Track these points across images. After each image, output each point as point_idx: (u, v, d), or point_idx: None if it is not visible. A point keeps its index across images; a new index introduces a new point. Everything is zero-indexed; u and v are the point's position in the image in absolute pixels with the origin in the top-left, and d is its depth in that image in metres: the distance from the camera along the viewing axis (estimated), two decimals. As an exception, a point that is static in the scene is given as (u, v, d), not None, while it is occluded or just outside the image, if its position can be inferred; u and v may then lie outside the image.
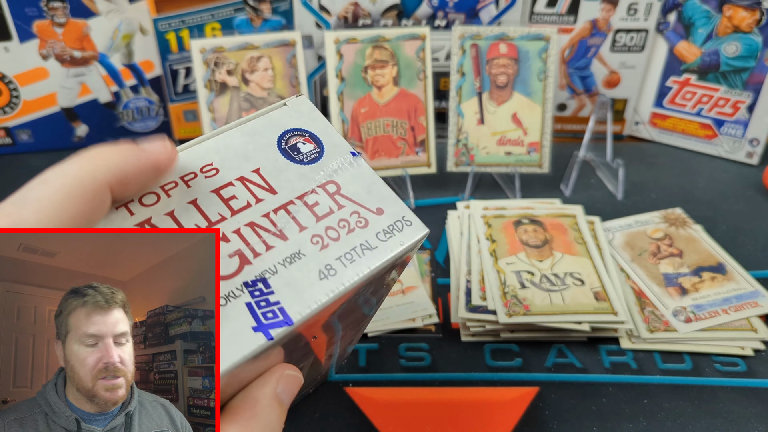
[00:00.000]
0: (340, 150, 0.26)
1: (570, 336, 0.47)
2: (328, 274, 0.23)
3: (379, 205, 0.25)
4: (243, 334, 0.21)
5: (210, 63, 0.64)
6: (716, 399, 0.42)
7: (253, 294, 0.22)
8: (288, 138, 0.26)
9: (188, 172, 0.23)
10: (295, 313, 0.22)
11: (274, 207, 0.24)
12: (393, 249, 0.24)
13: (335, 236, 0.24)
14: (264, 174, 0.24)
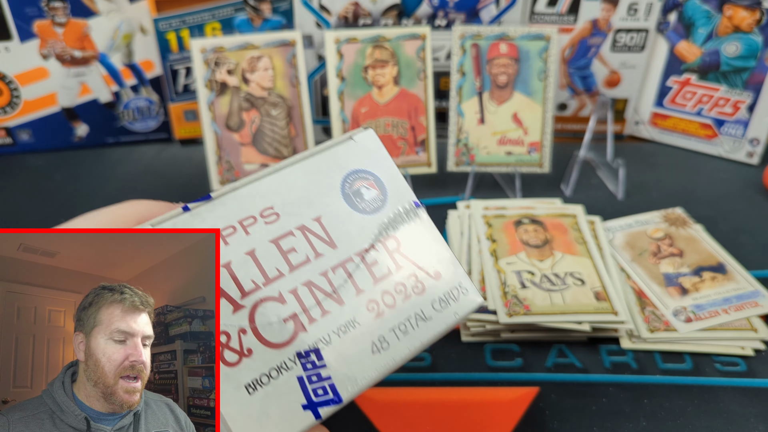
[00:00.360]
0: (402, 198, 0.25)
1: (570, 336, 0.47)
2: (381, 348, 0.21)
3: (438, 269, 0.24)
4: (293, 413, 0.19)
5: (210, 63, 0.64)
6: (716, 399, 0.42)
7: (305, 367, 0.20)
8: (352, 181, 0.24)
9: (248, 216, 0.22)
10: (344, 390, 0.20)
11: (333, 264, 0.22)
12: (447, 321, 0.23)
13: (391, 303, 0.22)
14: (325, 223, 0.23)
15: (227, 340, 0.20)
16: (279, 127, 0.66)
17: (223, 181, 0.65)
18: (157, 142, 0.80)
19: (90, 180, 0.72)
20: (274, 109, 0.66)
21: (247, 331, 0.20)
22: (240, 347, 0.20)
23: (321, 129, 0.79)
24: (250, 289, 0.21)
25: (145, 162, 0.75)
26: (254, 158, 0.65)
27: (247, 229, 0.22)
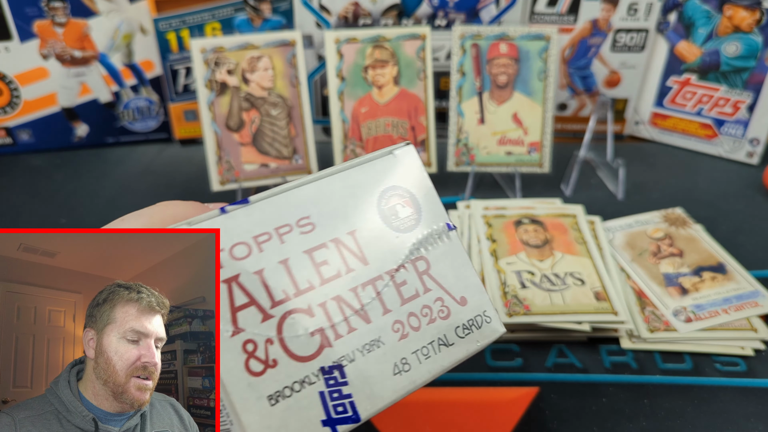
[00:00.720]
0: (436, 219, 0.24)
1: (570, 336, 0.47)
2: (402, 370, 0.21)
3: (464, 294, 0.24)
4: (312, 428, 0.19)
5: (210, 63, 0.64)
6: (716, 399, 0.42)
7: (328, 382, 0.20)
8: (389, 197, 0.23)
9: (284, 224, 0.21)
10: (363, 409, 0.20)
11: (363, 281, 0.22)
12: (468, 348, 0.23)
13: (416, 325, 0.22)
14: (359, 238, 0.22)
15: (254, 349, 0.19)
16: (279, 127, 0.66)
17: (223, 182, 0.65)
18: (157, 142, 0.80)
19: (90, 180, 0.72)
20: (274, 109, 0.66)
21: (274, 342, 0.20)
22: (266, 357, 0.19)
23: (321, 129, 0.79)
24: (280, 299, 0.20)
25: (145, 162, 0.75)
26: (254, 158, 0.65)
27: (282, 237, 0.21)
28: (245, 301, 0.20)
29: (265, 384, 0.19)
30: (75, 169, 0.74)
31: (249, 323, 0.20)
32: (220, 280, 0.20)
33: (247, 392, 0.19)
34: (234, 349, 0.19)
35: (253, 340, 0.19)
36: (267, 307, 0.20)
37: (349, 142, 0.66)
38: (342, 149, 0.66)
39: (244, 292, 0.20)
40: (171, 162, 0.75)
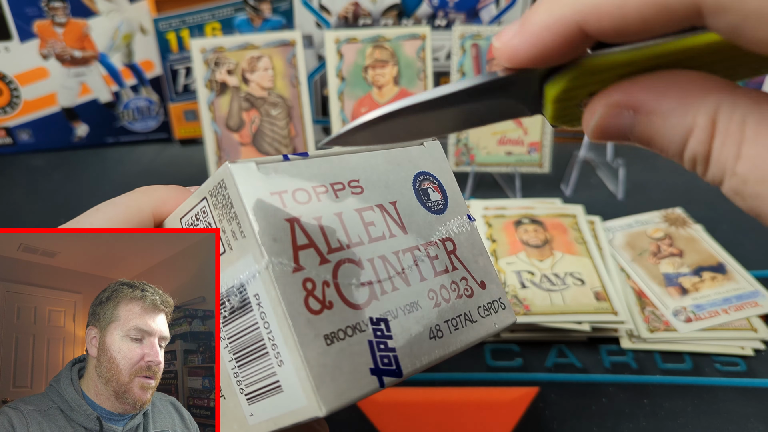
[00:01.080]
0: (460, 210, 0.26)
1: (570, 336, 0.47)
2: (437, 335, 0.23)
3: (483, 279, 0.25)
4: (362, 374, 0.20)
5: (210, 63, 0.64)
6: (716, 399, 0.42)
7: (376, 333, 0.21)
8: (422, 180, 0.25)
9: (338, 181, 0.23)
10: (406, 365, 0.21)
11: (404, 247, 0.23)
12: (488, 329, 0.24)
13: (447, 297, 0.24)
14: (399, 209, 0.24)
15: (312, 288, 0.20)
16: (279, 127, 0.66)
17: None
18: (157, 142, 0.80)
19: (90, 180, 0.72)
20: (274, 109, 0.66)
21: (330, 285, 0.20)
22: (323, 298, 0.20)
23: (321, 129, 0.79)
24: (336, 247, 0.21)
25: (145, 162, 0.75)
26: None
27: (337, 193, 0.22)
28: (305, 242, 0.20)
29: (322, 323, 0.19)
30: (75, 169, 0.74)
31: (309, 263, 0.20)
32: (285, 218, 0.20)
33: (306, 328, 0.19)
34: (295, 285, 0.19)
35: (312, 279, 0.20)
36: (324, 251, 0.21)
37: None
38: (342, 149, 0.66)
39: (304, 234, 0.20)
40: (171, 162, 0.75)
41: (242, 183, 0.20)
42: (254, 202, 0.20)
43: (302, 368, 0.19)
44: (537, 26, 0.14)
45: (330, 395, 0.19)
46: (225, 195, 0.20)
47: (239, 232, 0.20)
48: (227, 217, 0.20)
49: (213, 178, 0.21)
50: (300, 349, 0.19)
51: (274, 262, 0.19)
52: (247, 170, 0.20)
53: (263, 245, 0.19)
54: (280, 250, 0.19)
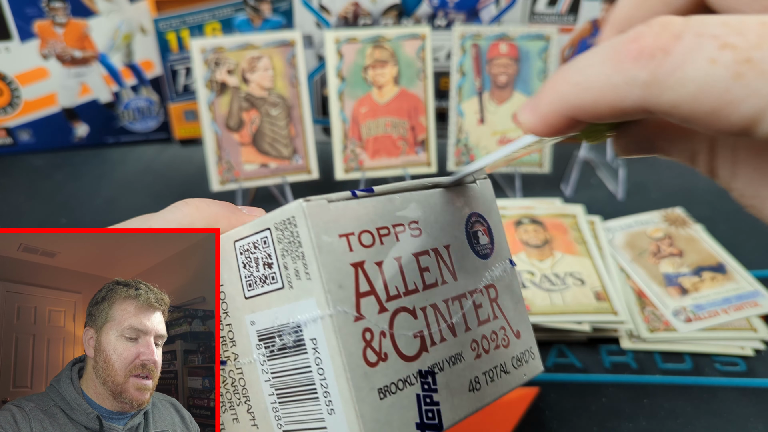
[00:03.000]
0: (503, 254, 0.25)
1: (570, 336, 0.47)
2: (475, 388, 0.22)
3: (519, 328, 0.25)
4: (408, 429, 0.20)
5: (210, 63, 0.64)
6: (716, 399, 0.42)
7: (423, 386, 0.20)
8: (473, 222, 0.25)
9: (400, 223, 0.22)
10: (447, 419, 0.21)
11: (453, 295, 0.23)
12: (519, 380, 0.24)
13: (487, 348, 0.23)
14: (452, 254, 0.23)
15: (371, 339, 0.19)
16: (279, 127, 0.66)
17: (223, 182, 0.65)
18: (157, 142, 0.80)
19: (90, 180, 0.72)
20: (274, 109, 0.66)
21: (386, 336, 0.20)
22: (379, 350, 0.19)
23: (321, 129, 0.79)
24: (394, 295, 0.21)
25: (145, 162, 0.75)
26: (254, 158, 0.65)
27: (398, 235, 0.22)
28: (367, 289, 0.20)
29: (377, 376, 0.19)
30: (75, 169, 0.74)
31: (369, 312, 0.20)
32: (351, 263, 0.20)
33: (363, 381, 0.19)
34: (356, 335, 0.19)
35: (371, 330, 0.20)
36: (383, 299, 0.20)
37: (349, 142, 0.66)
38: (342, 149, 0.66)
39: (366, 280, 0.20)
40: (171, 162, 0.75)
41: (314, 225, 0.19)
42: (324, 245, 0.19)
43: (355, 422, 0.18)
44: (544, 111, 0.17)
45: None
46: (294, 232, 0.19)
47: (304, 273, 0.19)
48: (292, 255, 0.20)
49: (282, 212, 0.20)
50: (356, 403, 0.18)
51: (339, 310, 0.19)
52: (320, 209, 0.20)
53: (329, 292, 0.19)
54: (344, 298, 0.19)
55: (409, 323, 0.21)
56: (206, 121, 0.64)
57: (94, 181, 0.71)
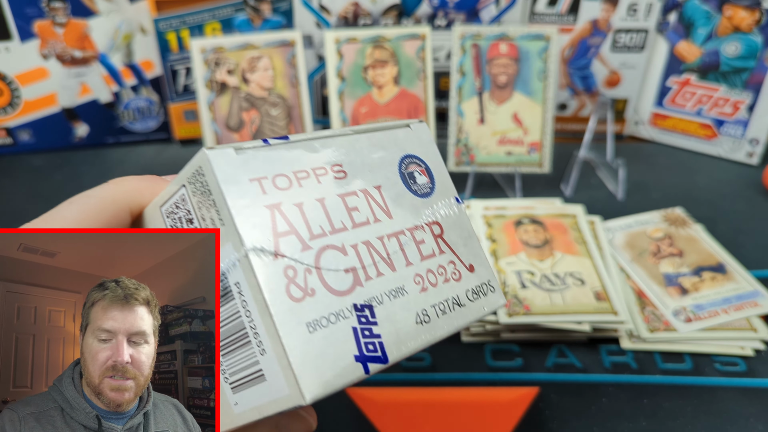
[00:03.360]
0: (447, 192, 0.26)
1: (570, 336, 0.47)
2: (423, 320, 0.22)
3: (472, 262, 0.25)
4: (346, 361, 0.20)
5: (210, 63, 0.64)
6: (716, 399, 0.42)
7: (360, 319, 0.21)
8: (408, 163, 0.25)
9: (320, 166, 0.22)
10: (392, 351, 0.21)
11: (388, 233, 0.23)
12: (477, 312, 0.24)
13: (434, 281, 0.23)
14: (384, 194, 0.24)
15: (293, 275, 0.19)
16: (279, 127, 0.66)
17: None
18: (157, 142, 0.80)
19: (90, 180, 0.72)
20: (274, 109, 0.66)
21: (312, 272, 0.20)
22: (305, 285, 0.20)
23: (321, 129, 0.79)
24: (318, 234, 0.21)
25: (145, 162, 0.75)
26: (254, 158, 0.65)
27: (319, 178, 0.22)
28: (286, 228, 0.20)
29: (304, 311, 0.19)
30: (75, 169, 0.74)
31: (290, 250, 0.20)
32: (265, 205, 0.20)
33: (288, 316, 0.19)
34: (276, 273, 0.19)
35: (293, 267, 0.20)
36: (306, 238, 0.20)
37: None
38: (342, 149, 0.66)
39: (285, 221, 0.20)
40: (171, 162, 0.75)
41: (220, 170, 0.19)
42: (233, 189, 0.19)
43: (284, 357, 0.18)
44: None
45: (313, 383, 0.19)
46: (203, 182, 0.20)
47: (218, 219, 0.20)
48: (206, 205, 0.20)
49: (191, 165, 0.20)
50: (281, 338, 0.18)
51: (255, 249, 0.19)
52: (225, 156, 0.20)
53: (242, 233, 0.19)
54: (260, 238, 0.19)
55: (339, 260, 0.21)
56: (206, 121, 0.64)
57: (94, 181, 0.71)
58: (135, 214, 0.24)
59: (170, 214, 0.22)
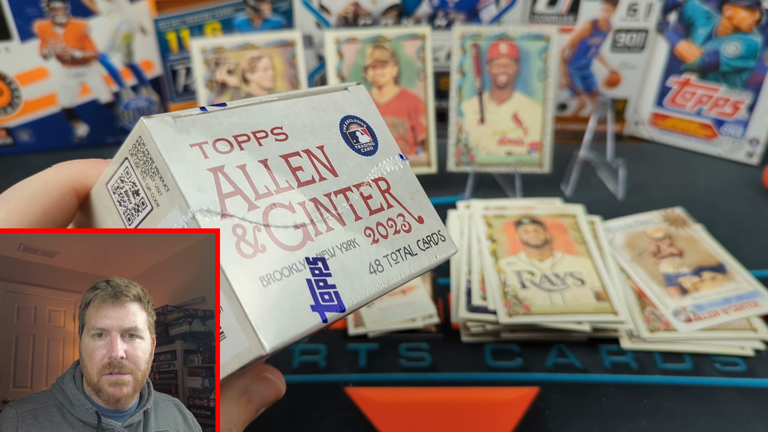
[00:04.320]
0: (391, 150, 0.26)
1: (570, 336, 0.47)
2: (377, 270, 0.23)
3: (421, 214, 0.26)
4: (303, 311, 0.20)
5: (210, 63, 0.64)
6: (716, 399, 0.42)
7: (314, 272, 0.21)
8: (348, 124, 0.26)
9: (260, 129, 0.23)
10: (348, 300, 0.21)
11: (335, 189, 0.24)
12: (429, 260, 0.25)
13: (384, 233, 0.24)
14: (327, 153, 0.24)
15: (243, 234, 0.20)
16: (279, 127, 0.66)
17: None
18: (157, 142, 0.80)
19: (90, 180, 0.72)
20: (274, 109, 0.66)
21: (261, 230, 0.21)
22: (255, 242, 0.20)
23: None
24: (264, 193, 0.21)
25: (145, 162, 0.75)
26: (254, 158, 0.65)
27: (260, 141, 0.23)
28: (231, 189, 0.21)
29: (256, 266, 0.20)
30: (75, 169, 0.74)
31: (236, 210, 0.20)
32: (207, 168, 0.20)
33: (241, 271, 0.19)
34: (225, 232, 0.20)
35: (242, 226, 0.20)
36: (252, 197, 0.21)
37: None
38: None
39: (229, 182, 0.21)
40: (171, 162, 0.75)
41: (159, 137, 0.20)
42: (174, 154, 0.20)
43: (240, 311, 0.19)
44: None
45: (271, 333, 0.19)
46: (144, 152, 0.20)
47: (163, 186, 0.20)
48: (150, 174, 0.20)
49: (131, 137, 0.21)
50: (236, 292, 0.19)
51: (201, 210, 0.19)
52: (164, 124, 0.20)
53: (187, 195, 0.19)
54: (205, 199, 0.20)
55: (287, 217, 0.22)
56: (206, 121, 0.64)
57: (94, 181, 0.71)
58: (81, 196, 0.24)
59: (116, 190, 0.22)
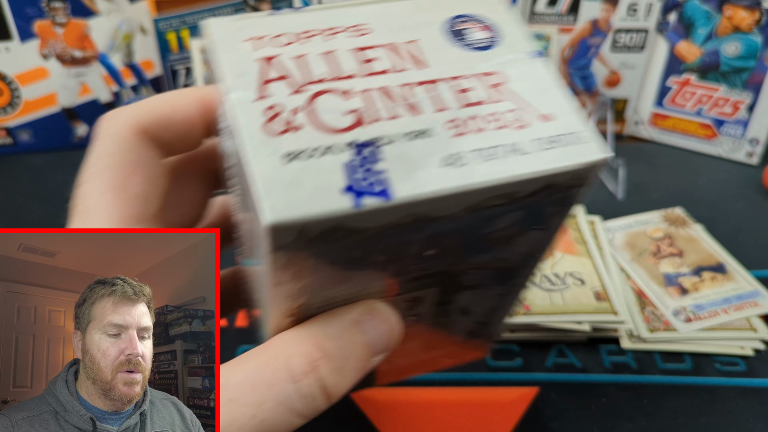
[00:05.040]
0: (522, 46, 0.21)
1: (570, 336, 0.47)
2: (455, 163, 0.18)
3: (551, 111, 0.20)
4: (329, 191, 0.17)
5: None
6: (716, 399, 0.42)
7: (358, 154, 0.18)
8: (458, 23, 0.22)
9: (331, 28, 0.21)
10: (399, 188, 0.17)
11: (418, 80, 0.20)
12: (548, 163, 0.19)
13: (477, 127, 0.19)
14: (421, 46, 0.21)
15: (276, 114, 0.18)
16: (279, 127, 0.66)
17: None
18: (157, 142, 0.80)
19: (90, 180, 0.72)
20: (274, 109, 0.66)
21: (299, 111, 0.19)
22: (288, 123, 0.18)
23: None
24: (317, 79, 0.19)
25: (145, 162, 0.75)
26: (254, 158, 0.65)
27: (330, 36, 0.20)
28: (276, 75, 0.19)
29: (283, 143, 0.18)
30: (75, 170, 0.74)
31: (276, 93, 0.19)
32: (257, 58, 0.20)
33: (261, 146, 0.18)
34: (255, 110, 0.18)
35: (277, 105, 0.19)
36: (300, 83, 0.19)
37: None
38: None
39: (277, 69, 0.19)
40: (171, 162, 0.75)
41: (219, 31, 0.20)
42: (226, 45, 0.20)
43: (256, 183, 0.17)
44: None
45: (281, 204, 0.17)
46: (209, 48, 0.20)
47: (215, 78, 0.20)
48: (211, 68, 0.21)
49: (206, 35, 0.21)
50: (251, 165, 0.17)
51: (236, 92, 0.19)
52: (226, 21, 0.20)
53: (229, 79, 0.19)
54: (245, 83, 0.19)
55: (338, 103, 0.19)
56: (206, 121, 0.64)
57: (94, 181, 0.71)
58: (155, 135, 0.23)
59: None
